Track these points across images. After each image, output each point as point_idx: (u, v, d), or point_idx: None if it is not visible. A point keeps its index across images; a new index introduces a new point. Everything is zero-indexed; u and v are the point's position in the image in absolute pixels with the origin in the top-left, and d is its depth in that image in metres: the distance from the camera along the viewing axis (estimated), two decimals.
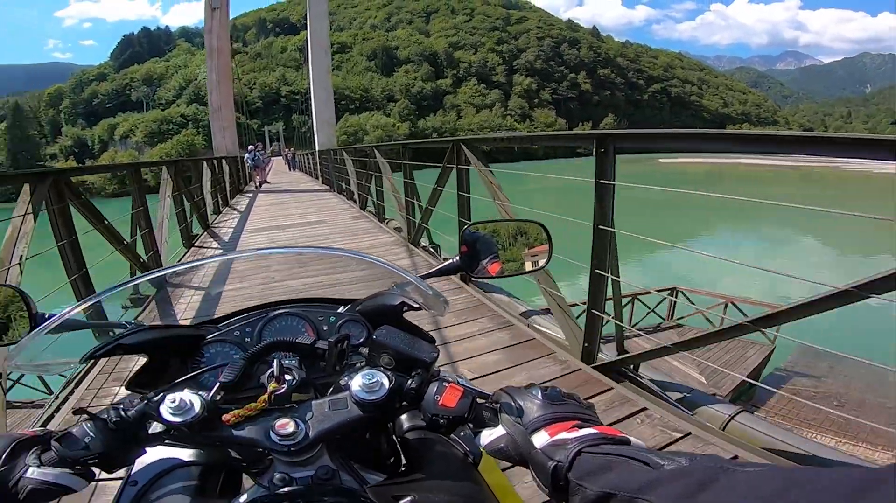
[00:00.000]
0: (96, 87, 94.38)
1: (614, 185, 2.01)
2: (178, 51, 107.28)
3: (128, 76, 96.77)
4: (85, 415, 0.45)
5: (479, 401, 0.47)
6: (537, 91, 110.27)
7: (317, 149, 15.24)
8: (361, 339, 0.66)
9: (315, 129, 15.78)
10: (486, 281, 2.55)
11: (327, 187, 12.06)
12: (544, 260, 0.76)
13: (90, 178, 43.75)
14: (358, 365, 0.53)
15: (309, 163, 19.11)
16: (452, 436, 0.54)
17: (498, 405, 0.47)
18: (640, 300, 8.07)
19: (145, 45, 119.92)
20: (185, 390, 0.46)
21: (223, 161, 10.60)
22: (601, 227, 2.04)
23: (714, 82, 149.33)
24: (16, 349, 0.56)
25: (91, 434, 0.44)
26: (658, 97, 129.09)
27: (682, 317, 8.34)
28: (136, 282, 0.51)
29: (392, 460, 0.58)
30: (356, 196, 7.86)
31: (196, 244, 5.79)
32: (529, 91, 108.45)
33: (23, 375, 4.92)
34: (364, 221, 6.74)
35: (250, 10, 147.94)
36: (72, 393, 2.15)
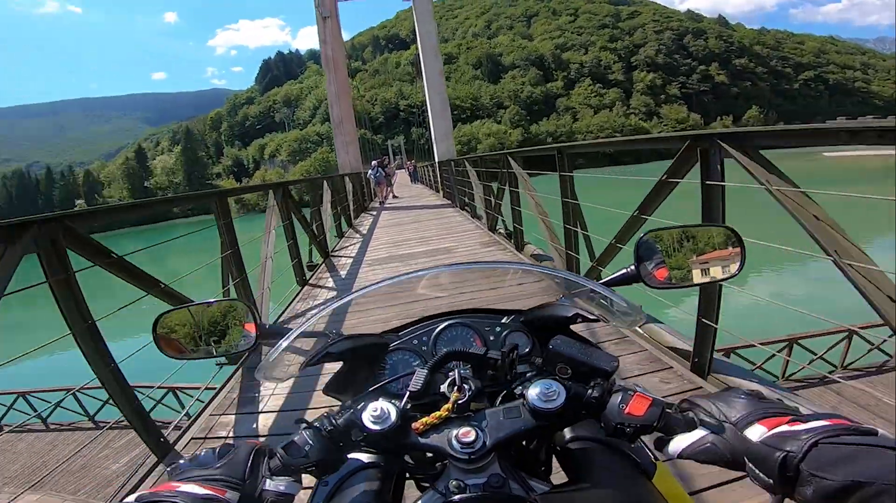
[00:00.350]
0: (246, 110, 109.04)
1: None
2: (309, 72, 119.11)
3: (270, 98, 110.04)
4: (304, 424, 0.49)
5: (668, 409, 0.46)
6: (663, 86, 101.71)
7: (436, 160, 14.35)
8: (528, 349, 0.67)
9: (433, 139, 14.98)
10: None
11: (448, 202, 11.12)
12: (734, 266, 0.69)
13: (246, 196, 49.66)
14: (528, 374, 0.54)
15: (429, 175, 18.60)
16: (622, 447, 0.53)
17: (690, 411, 0.46)
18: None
19: (281, 68, 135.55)
20: (380, 398, 0.49)
21: (346, 179, 9.91)
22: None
23: (883, 66, 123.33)
24: (265, 362, 0.60)
25: (310, 442, 0.47)
26: (812, 85, 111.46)
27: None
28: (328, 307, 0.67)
29: (543, 469, 0.58)
30: (483, 214, 6.53)
31: (311, 282, 4.87)
32: (653, 87, 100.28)
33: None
34: (497, 249, 5.32)
35: (365, 28, 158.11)
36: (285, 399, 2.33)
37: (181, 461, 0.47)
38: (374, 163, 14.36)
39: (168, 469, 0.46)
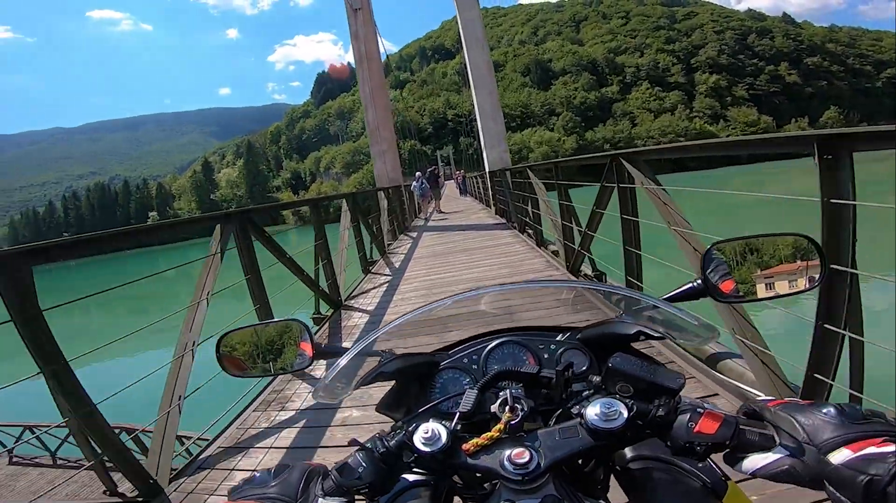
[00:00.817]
0: (303, 124, 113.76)
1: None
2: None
3: (325, 111, 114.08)
4: (357, 446, 0.49)
5: (742, 426, 0.44)
6: (728, 88, 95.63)
7: (486, 169, 12.17)
8: (584, 367, 0.65)
9: (483, 145, 12.50)
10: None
11: (502, 220, 9.20)
12: (811, 279, 0.64)
13: (302, 209, 51.15)
14: (585, 393, 0.52)
15: (478, 186, 16.85)
16: (687, 465, 0.51)
17: (771, 424, 0.44)
18: None
19: (335, 81, 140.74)
20: (431, 419, 0.49)
21: (380, 195, 8.73)
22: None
23: None
24: (322, 384, 0.62)
25: (364, 464, 0.47)
26: None
27: None
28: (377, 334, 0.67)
29: (600, 488, 0.56)
30: (558, 243, 4.69)
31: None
32: (718, 89, 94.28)
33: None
34: (587, 309, 2.64)
35: (412, 40, 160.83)
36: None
37: (240, 482, 0.49)
38: (417, 174, 13.13)
39: (229, 490, 0.48)
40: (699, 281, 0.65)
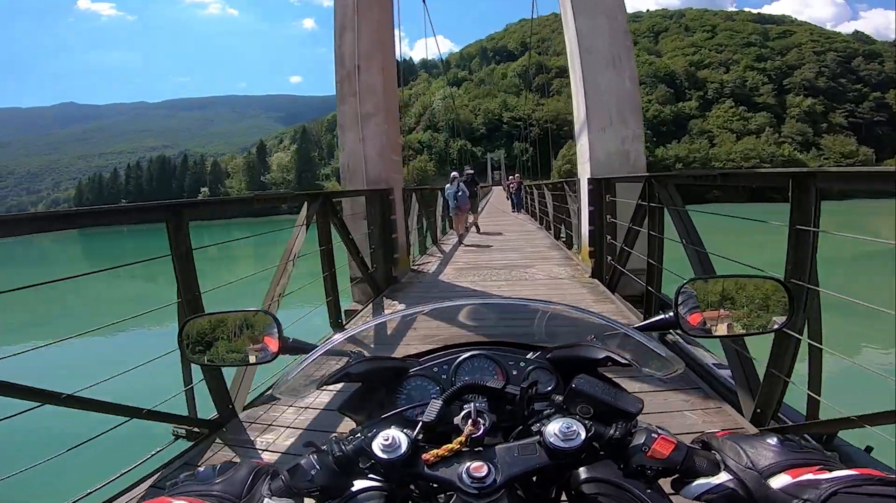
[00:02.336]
0: None
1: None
2: (420, 79, 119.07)
3: None
4: (312, 448, 0.48)
5: (692, 451, 0.45)
6: (825, 114, 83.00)
7: (586, 175, 5.00)
8: (550, 387, 0.65)
9: (584, 119, 5.13)
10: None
11: (598, 285, 4.60)
12: (779, 320, 0.67)
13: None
14: (546, 412, 0.52)
15: (536, 201, 12.32)
16: (636, 491, 0.50)
17: (717, 452, 0.45)
18: None
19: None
20: (392, 426, 0.48)
21: (344, 203, 4.63)
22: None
23: None
24: (283, 379, 0.60)
25: (317, 467, 0.45)
26: None
27: None
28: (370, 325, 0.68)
29: None
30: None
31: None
32: (812, 113, 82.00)
33: None
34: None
35: (474, 40, 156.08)
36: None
37: (181, 476, 0.46)
38: (453, 174, 9.04)
39: (168, 484, 0.45)
40: (671, 314, 0.66)
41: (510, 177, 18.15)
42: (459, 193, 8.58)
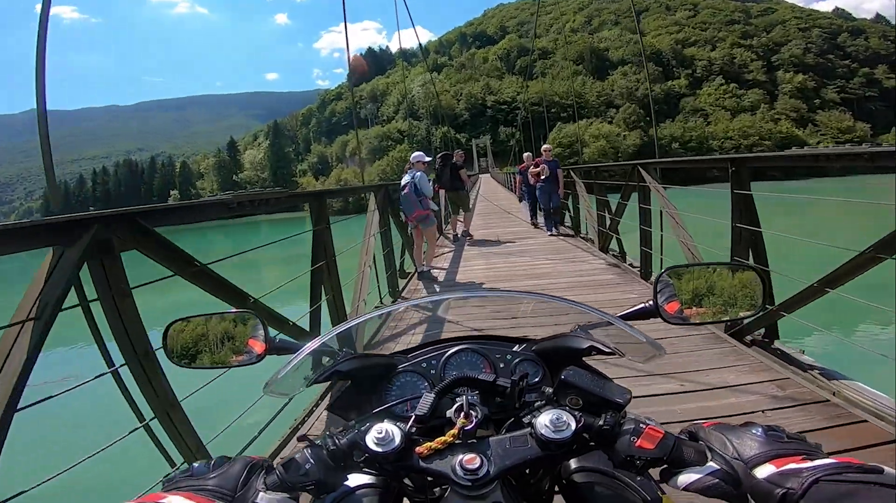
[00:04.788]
0: (334, 106, 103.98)
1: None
2: (398, 68, 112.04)
3: (357, 94, 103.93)
4: (306, 443, 0.47)
5: (679, 442, 0.45)
6: (816, 90, 78.87)
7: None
8: (538, 378, 0.65)
9: None
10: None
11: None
12: (754, 306, 0.67)
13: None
14: (537, 403, 0.52)
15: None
16: (626, 479, 0.51)
17: (703, 442, 0.45)
18: None
19: (371, 64, 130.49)
20: (385, 420, 0.47)
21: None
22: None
23: None
24: (273, 377, 0.58)
25: (311, 461, 0.45)
26: None
27: None
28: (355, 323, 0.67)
29: (544, 498, 0.57)
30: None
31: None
32: (804, 90, 77.87)
33: None
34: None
35: (453, 27, 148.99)
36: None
37: (175, 473, 0.46)
38: (414, 156, 4.74)
39: (162, 480, 0.45)
40: (650, 302, 0.66)
41: (535, 160, 7.55)
42: (405, 191, 4.59)
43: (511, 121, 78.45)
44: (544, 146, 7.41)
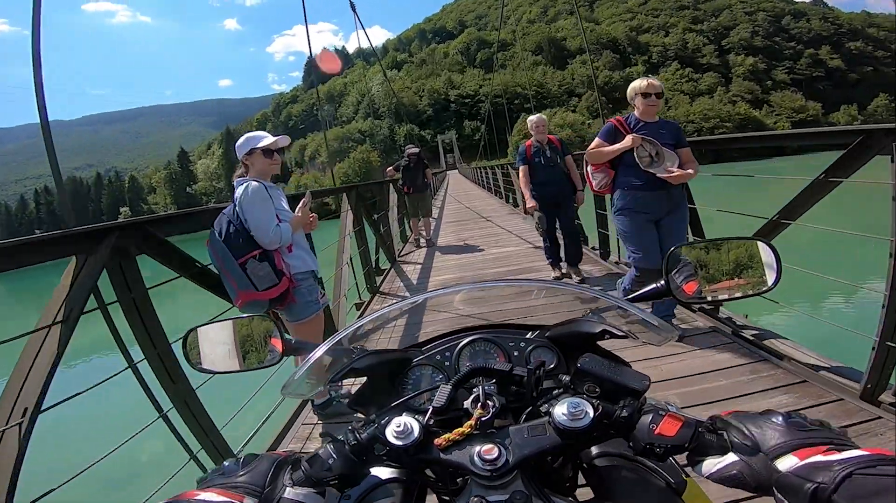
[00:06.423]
0: (290, 109, 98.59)
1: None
2: (356, 68, 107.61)
3: (313, 96, 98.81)
4: (329, 438, 0.48)
5: (701, 429, 0.43)
6: (767, 71, 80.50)
7: None
8: (553, 365, 0.64)
9: None
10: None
11: None
12: (769, 282, 0.63)
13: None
14: (555, 391, 0.51)
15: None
16: (650, 463, 0.50)
17: (724, 432, 0.43)
18: None
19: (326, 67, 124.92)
20: (404, 414, 0.48)
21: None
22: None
23: None
24: (290, 379, 0.59)
25: (334, 456, 0.45)
26: None
27: None
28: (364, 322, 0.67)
29: (568, 485, 0.56)
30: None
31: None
32: (756, 72, 79.29)
33: None
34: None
35: (412, 25, 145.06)
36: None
37: (210, 471, 0.47)
38: (244, 144, 1.99)
39: (197, 479, 0.46)
40: (662, 283, 0.64)
41: (536, 124, 3.76)
42: (210, 241, 1.93)
43: (475, 114, 76.22)
44: (535, 118, 3.81)
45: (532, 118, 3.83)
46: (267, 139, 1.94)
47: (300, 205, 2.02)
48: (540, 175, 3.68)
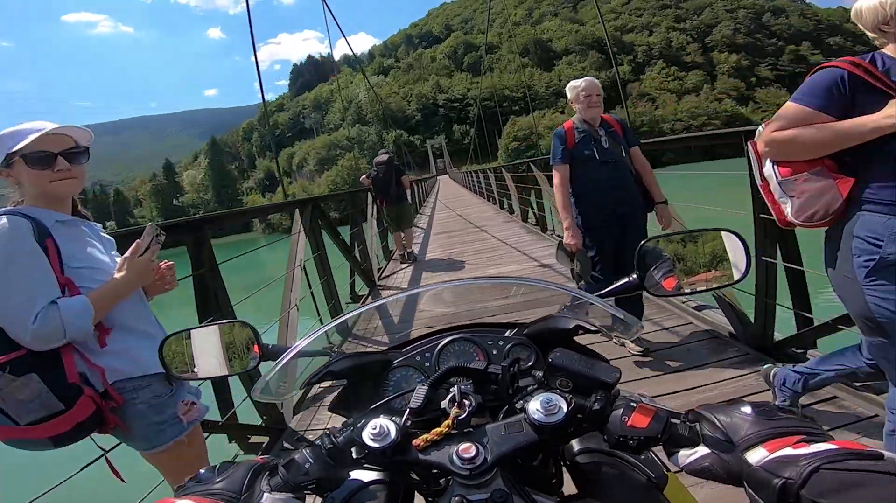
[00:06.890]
0: (276, 118, 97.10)
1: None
2: (342, 74, 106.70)
3: (300, 104, 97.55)
4: (305, 443, 0.47)
5: (673, 420, 0.43)
6: (751, 68, 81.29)
7: None
8: (531, 363, 0.63)
9: None
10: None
11: None
12: (740, 272, 0.64)
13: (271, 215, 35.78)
14: (530, 388, 0.51)
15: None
16: (631, 458, 0.50)
17: (696, 423, 0.43)
18: None
19: (313, 72, 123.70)
20: (381, 416, 0.47)
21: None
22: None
23: None
24: (261, 382, 0.59)
25: (311, 460, 0.45)
26: None
27: None
28: (346, 317, 0.67)
29: (554, 482, 0.55)
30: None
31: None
32: (740, 69, 79.94)
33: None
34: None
35: (398, 30, 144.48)
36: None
37: (186, 479, 0.46)
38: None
39: (173, 488, 0.45)
40: (634, 277, 0.64)
41: (586, 91, 2.26)
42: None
43: (464, 118, 75.62)
44: (582, 82, 2.31)
45: (576, 82, 2.33)
46: (32, 136, 1.02)
47: (131, 248, 1.13)
48: (592, 175, 2.21)
